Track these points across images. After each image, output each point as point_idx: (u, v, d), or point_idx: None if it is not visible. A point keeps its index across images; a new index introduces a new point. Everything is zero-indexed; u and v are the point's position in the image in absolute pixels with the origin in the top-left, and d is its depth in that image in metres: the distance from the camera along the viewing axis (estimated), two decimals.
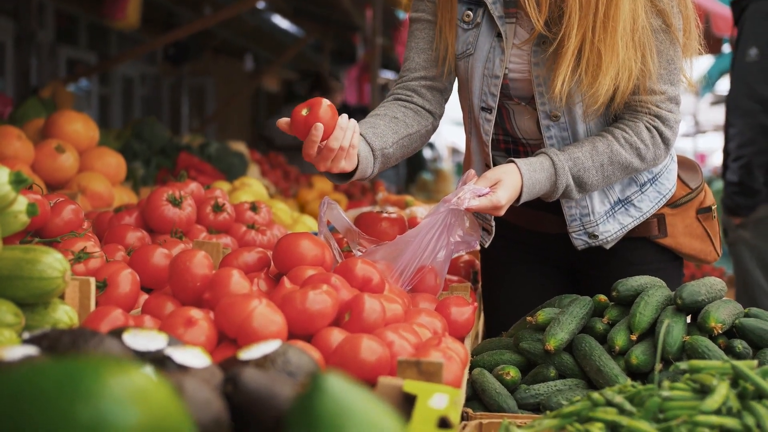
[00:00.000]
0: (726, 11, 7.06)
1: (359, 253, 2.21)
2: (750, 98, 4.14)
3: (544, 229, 2.39)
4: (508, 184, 2.06)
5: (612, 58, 2.06)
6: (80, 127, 3.33)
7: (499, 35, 2.19)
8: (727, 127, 4.31)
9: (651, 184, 2.32)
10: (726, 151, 4.35)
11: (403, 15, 8.74)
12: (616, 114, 2.22)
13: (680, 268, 2.45)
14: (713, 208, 2.43)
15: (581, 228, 2.30)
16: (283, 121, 2.01)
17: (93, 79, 9.34)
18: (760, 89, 4.12)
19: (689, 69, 2.22)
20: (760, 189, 4.27)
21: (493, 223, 2.37)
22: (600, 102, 2.11)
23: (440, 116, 2.38)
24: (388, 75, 12.55)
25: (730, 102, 4.26)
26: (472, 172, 2.12)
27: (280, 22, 9.76)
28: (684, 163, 2.45)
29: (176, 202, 2.42)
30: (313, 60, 12.47)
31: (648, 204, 2.32)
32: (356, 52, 10.83)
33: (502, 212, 2.07)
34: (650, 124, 2.19)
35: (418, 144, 2.31)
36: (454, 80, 2.36)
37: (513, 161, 2.12)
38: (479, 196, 2.03)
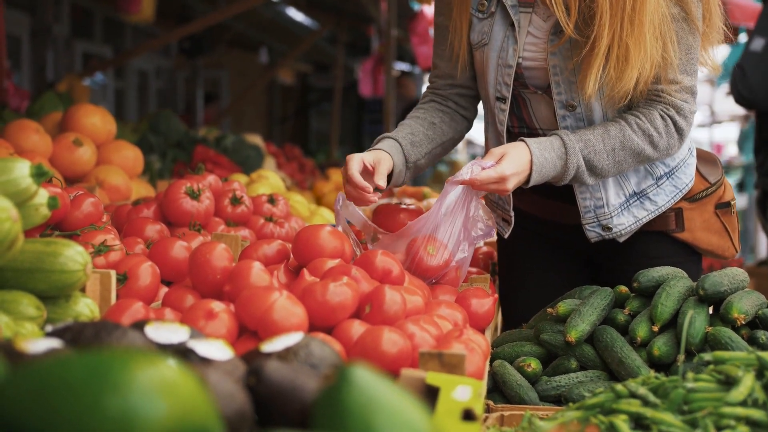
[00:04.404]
0: (743, 0, 7.02)
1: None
2: (741, 83, 4.38)
3: (560, 220, 2.38)
4: (513, 156, 2.06)
5: (640, 52, 2.04)
6: (98, 120, 3.34)
7: (512, 24, 2.18)
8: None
9: (667, 178, 2.30)
10: None
11: (417, 6, 8.69)
12: (632, 102, 2.20)
13: (698, 263, 2.41)
14: (732, 203, 2.39)
15: (595, 220, 2.28)
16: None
17: (108, 73, 9.35)
18: (752, 78, 4.32)
19: (710, 55, 2.20)
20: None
21: (512, 213, 2.36)
22: (622, 94, 2.11)
23: (474, 117, 2.47)
24: (402, 67, 12.51)
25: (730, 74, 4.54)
26: (476, 158, 2.13)
27: (295, 14, 9.73)
28: (703, 157, 2.42)
29: (194, 195, 2.42)
30: (327, 52, 12.43)
31: (664, 198, 2.30)
32: (371, 44, 10.79)
33: (509, 185, 2.06)
34: (664, 112, 2.17)
35: (449, 150, 2.43)
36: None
37: (523, 140, 2.11)
38: (484, 169, 2.04)
